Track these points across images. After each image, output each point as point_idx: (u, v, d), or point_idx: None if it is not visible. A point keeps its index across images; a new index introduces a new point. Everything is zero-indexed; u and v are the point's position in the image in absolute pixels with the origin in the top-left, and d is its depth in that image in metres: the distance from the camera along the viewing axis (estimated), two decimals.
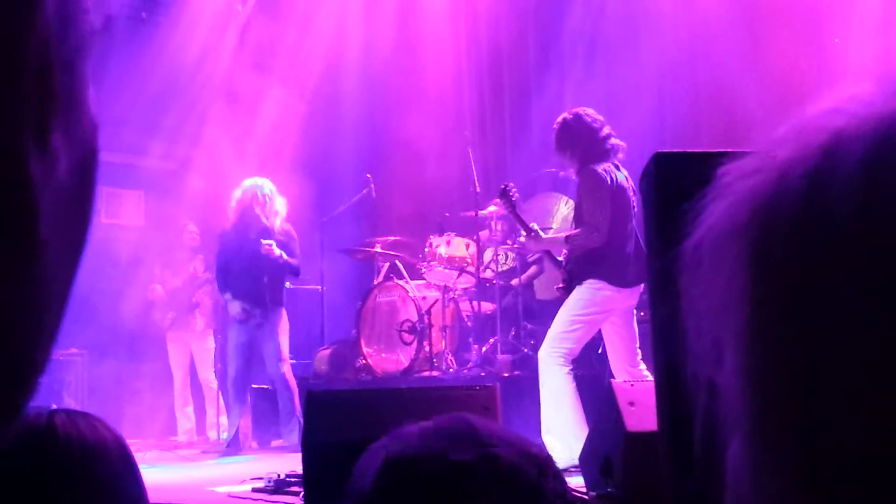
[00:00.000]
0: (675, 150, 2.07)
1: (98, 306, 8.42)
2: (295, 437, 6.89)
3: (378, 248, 8.32)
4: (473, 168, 7.81)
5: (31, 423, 1.04)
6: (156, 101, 8.97)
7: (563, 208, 8.29)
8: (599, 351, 7.23)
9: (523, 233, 5.71)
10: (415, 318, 7.47)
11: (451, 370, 7.08)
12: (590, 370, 7.28)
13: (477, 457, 0.92)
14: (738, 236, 0.44)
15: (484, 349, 7.19)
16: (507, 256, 7.89)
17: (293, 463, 5.31)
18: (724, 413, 0.46)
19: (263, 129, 9.32)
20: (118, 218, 9.74)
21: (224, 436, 8.14)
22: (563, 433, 5.13)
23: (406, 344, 7.53)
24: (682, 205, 0.51)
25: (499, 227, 7.85)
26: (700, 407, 0.47)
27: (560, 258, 5.63)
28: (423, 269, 7.76)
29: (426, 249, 7.79)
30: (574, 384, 5.33)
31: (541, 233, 5.61)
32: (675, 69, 7.98)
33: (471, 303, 7.58)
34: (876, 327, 0.38)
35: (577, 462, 4.72)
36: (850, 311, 0.39)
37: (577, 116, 5.64)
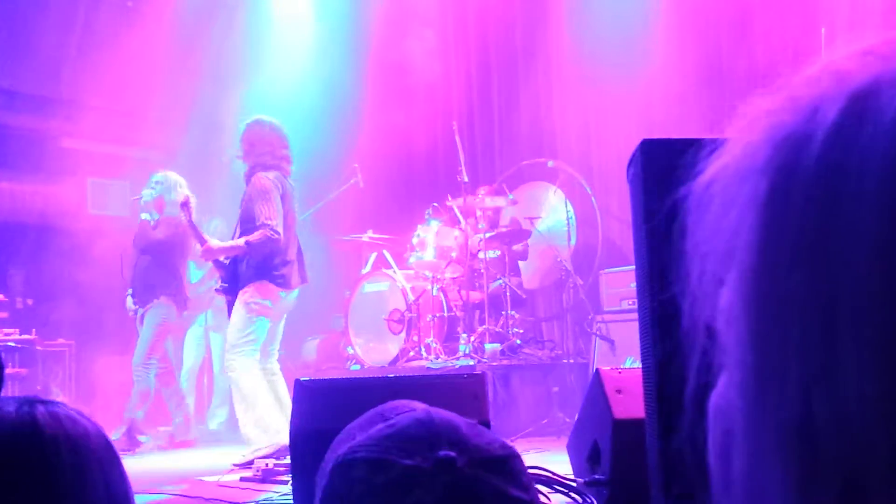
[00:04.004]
0: (662, 138, 2.08)
1: (85, 297, 8.40)
2: None
3: (366, 238, 8.31)
4: (461, 158, 7.81)
5: (14, 422, 1.03)
6: (142, 90, 8.92)
7: (552, 197, 8.31)
8: (593, 346, 7.28)
9: (198, 245, 6.00)
10: (403, 307, 7.47)
11: (439, 359, 7.09)
12: (576, 359, 7.32)
13: (429, 462, 0.88)
14: (758, 173, 0.43)
15: (472, 338, 7.20)
16: (494, 245, 7.89)
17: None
18: (720, 354, 0.45)
19: (251, 118, 9.29)
20: (104, 209, 9.70)
21: (218, 426, 8.18)
22: (263, 424, 5.63)
23: (394, 333, 7.53)
24: (667, 189, 0.50)
25: (486, 217, 7.87)
26: (696, 348, 0.46)
27: (225, 260, 5.95)
28: (411, 259, 7.76)
29: (414, 239, 7.79)
30: (262, 376, 5.82)
31: (214, 242, 5.96)
32: (663, 56, 7.98)
33: (459, 292, 7.59)
34: (887, 279, 0.37)
35: (283, 445, 5.25)
36: (864, 263, 0.38)
37: (257, 123, 6.05)
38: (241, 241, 5.81)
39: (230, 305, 5.92)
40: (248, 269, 5.80)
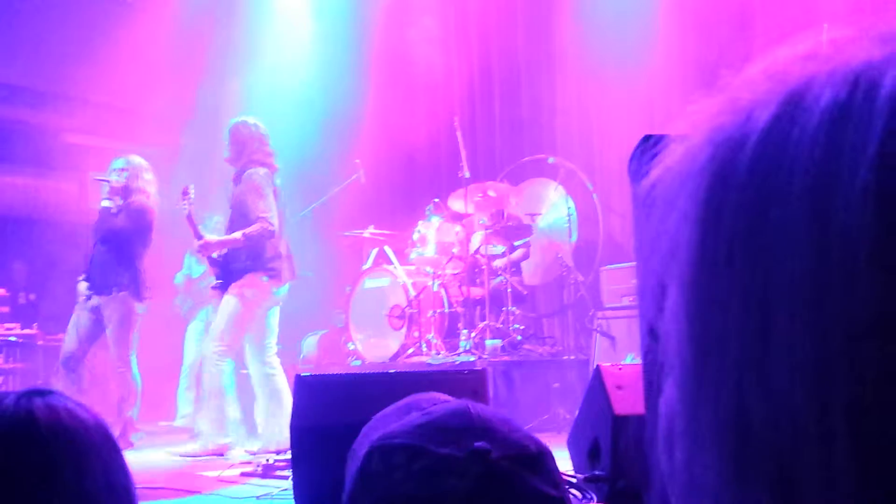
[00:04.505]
0: (664, 133, 2.07)
1: None
2: None
3: (367, 234, 8.31)
4: (463, 154, 7.81)
5: (11, 415, 1.03)
6: (143, 86, 8.92)
7: (553, 193, 8.30)
8: (593, 341, 7.27)
9: (196, 240, 5.99)
10: (404, 303, 7.47)
11: (440, 355, 7.09)
12: (577, 355, 7.32)
13: (464, 452, 0.90)
14: (696, 175, 0.43)
15: (473, 334, 7.20)
16: (495, 241, 7.89)
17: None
18: (663, 354, 0.46)
19: (253, 114, 9.29)
20: None
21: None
22: (217, 420, 5.89)
23: (395, 329, 7.53)
24: None
25: (486, 212, 7.86)
26: (642, 349, 0.47)
27: (217, 257, 6.00)
28: (412, 255, 7.76)
29: (415, 235, 7.79)
30: (230, 376, 5.96)
31: (211, 236, 6.01)
32: (665, 52, 7.97)
33: (459, 288, 7.59)
34: (815, 279, 0.38)
35: (227, 444, 5.74)
36: (793, 263, 0.39)
37: (243, 124, 6.19)
38: (237, 235, 5.88)
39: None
40: (241, 263, 5.89)
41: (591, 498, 3.52)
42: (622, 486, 3.29)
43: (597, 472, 3.49)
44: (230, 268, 5.94)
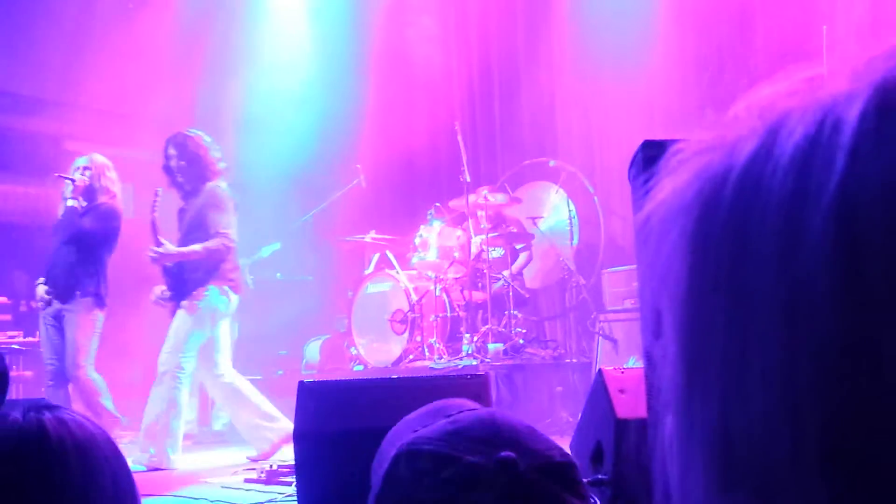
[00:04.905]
0: (663, 139, 2.08)
1: None
2: None
3: (368, 238, 8.32)
4: (463, 158, 7.81)
5: (21, 427, 1.04)
6: (143, 92, 8.93)
7: (554, 196, 8.31)
8: (596, 341, 7.27)
9: (154, 248, 5.85)
10: (406, 307, 7.47)
11: (442, 359, 7.09)
12: (579, 358, 7.33)
13: (491, 461, 0.91)
14: (685, 212, 0.45)
15: (475, 338, 7.20)
16: (496, 245, 7.89)
17: (285, 454, 5.33)
18: (658, 379, 0.48)
19: (252, 120, 9.30)
20: None
21: (222, 427, 8.15)
22: (171, 437, 5.82)
23: (397, 334, 7.53)
24: None
25: (488, 216, 7.86)
26: (644, 373, 0.49)
27: (170, 264, 5.93)
28: (414, 259, 7.76)
29: (416, 239, 7.79)
30: (187, 391, 6.05)
31: (171, 246, 5.88)
32: (665, 55, 7.98)
33: (461, 292, 7.59)
34: (786, 314, 0.39)
35: (175, 461, 5.72)
36: (767, 295, 0.40)
37: (197, 136, 6.08)
38: (197, 247, 5.83)
39: (173, 312, 5.95)
40: (197, 273, 5.87)
41: (595, 502, 3.52)
42: (624, 497, 3.29)
43: (600, 476, 3.49)
44: (183, 278, 5.87)
